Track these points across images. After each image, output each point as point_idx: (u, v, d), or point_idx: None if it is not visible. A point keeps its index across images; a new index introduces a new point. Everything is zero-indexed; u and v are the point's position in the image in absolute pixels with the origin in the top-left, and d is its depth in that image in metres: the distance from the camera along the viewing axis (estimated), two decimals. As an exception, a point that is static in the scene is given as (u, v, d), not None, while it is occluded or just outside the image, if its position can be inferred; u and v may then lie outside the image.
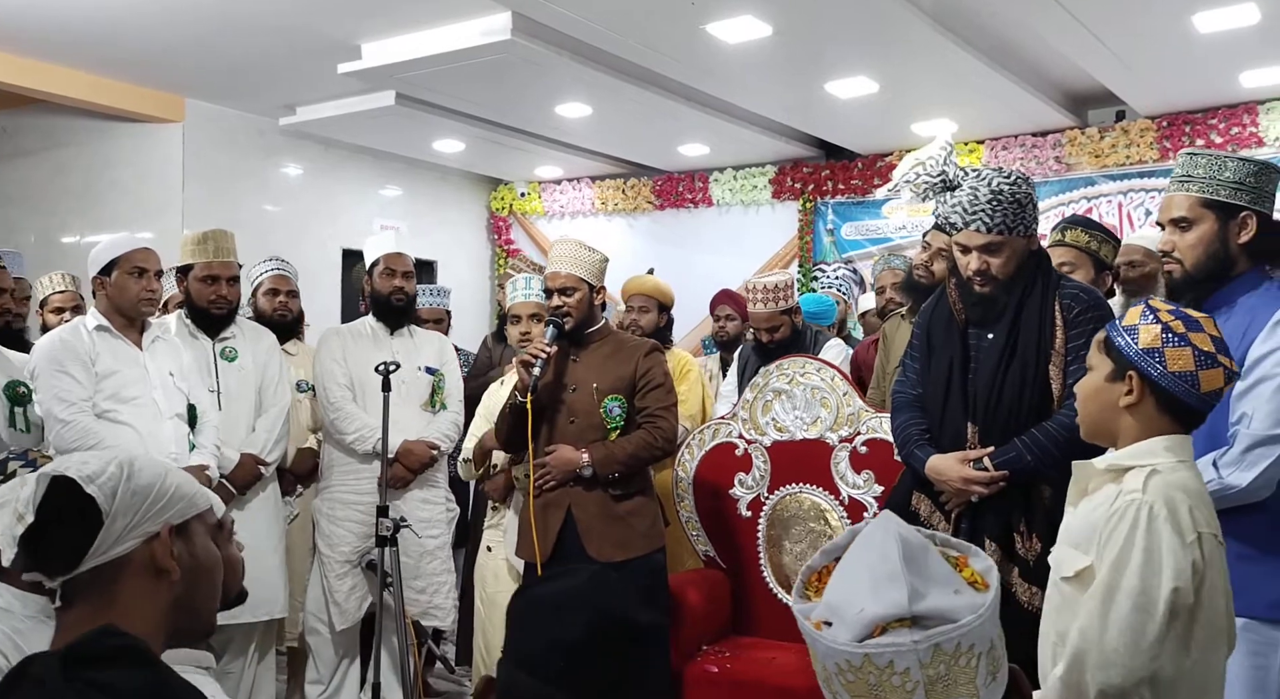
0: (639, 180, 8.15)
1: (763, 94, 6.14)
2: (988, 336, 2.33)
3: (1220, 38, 4.85)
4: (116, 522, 1.19)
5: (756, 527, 3.40)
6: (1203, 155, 2.09)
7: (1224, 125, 5.99)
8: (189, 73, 5.92)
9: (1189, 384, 1.53)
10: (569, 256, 2.93)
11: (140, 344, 3.06)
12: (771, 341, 3.81)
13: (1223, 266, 2.06)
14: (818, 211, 7.50)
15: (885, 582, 1.11)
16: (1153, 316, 1.57)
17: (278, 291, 3.93)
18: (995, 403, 2.28)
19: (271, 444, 3.40)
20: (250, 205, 6.86)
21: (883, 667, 1.08)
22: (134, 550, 1.20)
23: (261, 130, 6.89)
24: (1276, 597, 1.95)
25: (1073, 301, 2.27)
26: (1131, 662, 1.45)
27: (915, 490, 2.43)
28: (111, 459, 1.23)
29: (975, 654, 1.09)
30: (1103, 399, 1.62)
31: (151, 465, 1.26)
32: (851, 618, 1.11)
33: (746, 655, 3.20)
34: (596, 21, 4.85)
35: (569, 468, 2.84)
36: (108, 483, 1.20)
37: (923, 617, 1.08)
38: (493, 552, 3.38)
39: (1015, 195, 2.26)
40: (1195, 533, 1.49)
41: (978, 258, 2.29)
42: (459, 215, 8.70)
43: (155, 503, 1.23)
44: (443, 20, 5.01)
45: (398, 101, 6.07)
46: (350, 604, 3.48)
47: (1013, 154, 6.66)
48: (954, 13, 4.80)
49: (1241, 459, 1.93)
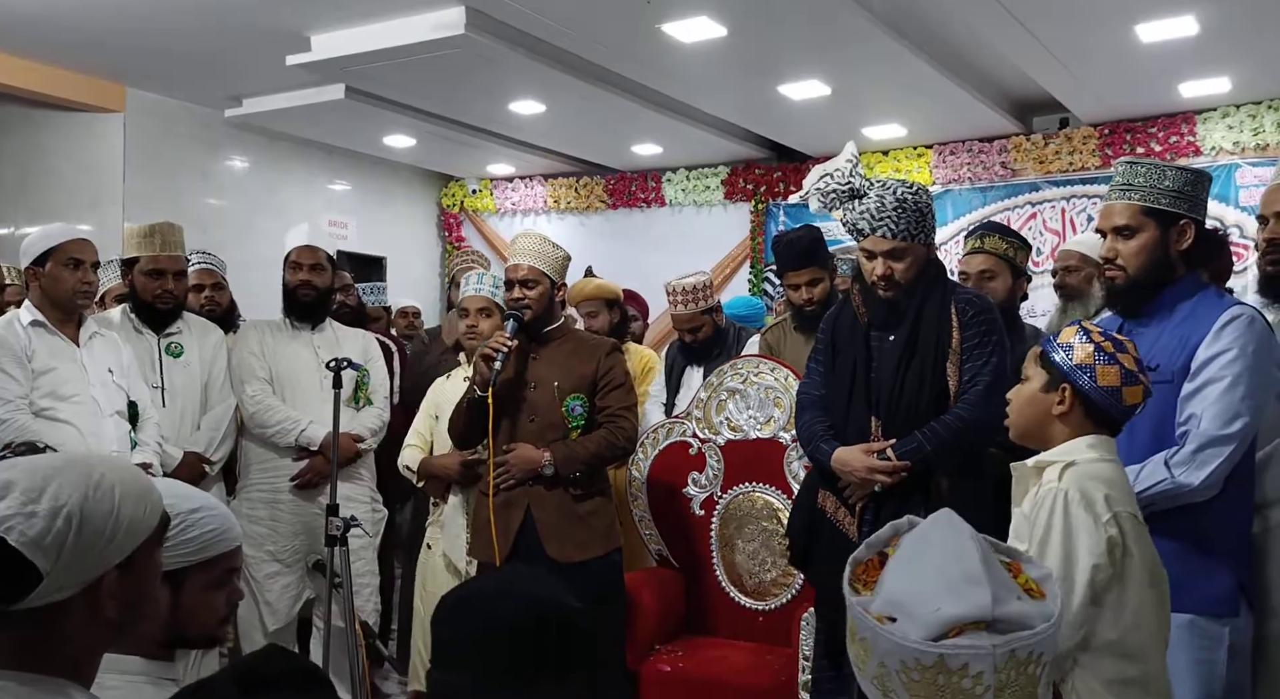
0: (592, 179, 8.13)
1: (716, 95, 6.17)
2: (889, 338, 2.47)
3: (1161, 48, 4.99)
4: (56, 577, 1.09)
5: (710, 526, 3.41)
6: (1142, 164, 2.14)
7: (1163, 134, 6.16)
8: (131, 61, 5.76)
9: (1114, 398, 1.72)
10: (532, 250, 2.90)
11: (77, 340, 2.97)
12: (694, 341, 3.84)
13: (1163, 273, 2.11)
14: (769, 213, 7.55)
15: (965, 582, 1.09)
16: (1086, 337, 1.75)
17: (202, 286, 3.84)
18: (897, 398, 2.42)
19: (217, 441, 3.33)
20: (194, 198, 6.70)
21: (955, 669, 1.05)
22: (71, 597, 1.12)
23: (206, 122, 6.74)
24: (1218, 593, 2.00)
25: (967, 306, 2.44)
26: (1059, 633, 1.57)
27: (820, 488, 2.54)
28: (59, 510, 1.10)
29: (1043, 663, 1.09)
30: (1037, 407, 1.80)
31: (99, 504, 1.13)
32: (925, 616, 1.07)
33: (700, 654, 3.21)
34: (551, 18, 4.82)
35: (530, 467, 2.81)
36: (54, 543, 1.09)
37: (1000, 621, 1.07)
38: (432, 549, 3.34)
39: (918, 204, 2.41)
40: (1110, 512, 1.65)
41: (883, 263, 2.42)
42: (409, 211, 8.61)
43: (104, 549, 1.13)
44: (395, 13, 4.94)
45: (347, 95, 5.97)
46: (282, 603, 3.40)
47: (960, 159, 6.78)
48: (906, 19, 4.87)
49: (1193, 459, 1.98)
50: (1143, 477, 2.00)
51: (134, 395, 3.06)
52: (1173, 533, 1.99)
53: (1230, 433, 1.97)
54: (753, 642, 3.27)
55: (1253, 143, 5.90)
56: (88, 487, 1.13)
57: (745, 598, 3.35)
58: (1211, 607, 2.00)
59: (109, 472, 1.17)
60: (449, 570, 3.23)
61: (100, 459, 1.23)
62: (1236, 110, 5.92)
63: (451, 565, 3.22)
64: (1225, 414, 1.97)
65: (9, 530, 1.07)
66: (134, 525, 1.16)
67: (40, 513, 1.09)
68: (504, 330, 2.83)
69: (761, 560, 3.32)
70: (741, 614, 3.35)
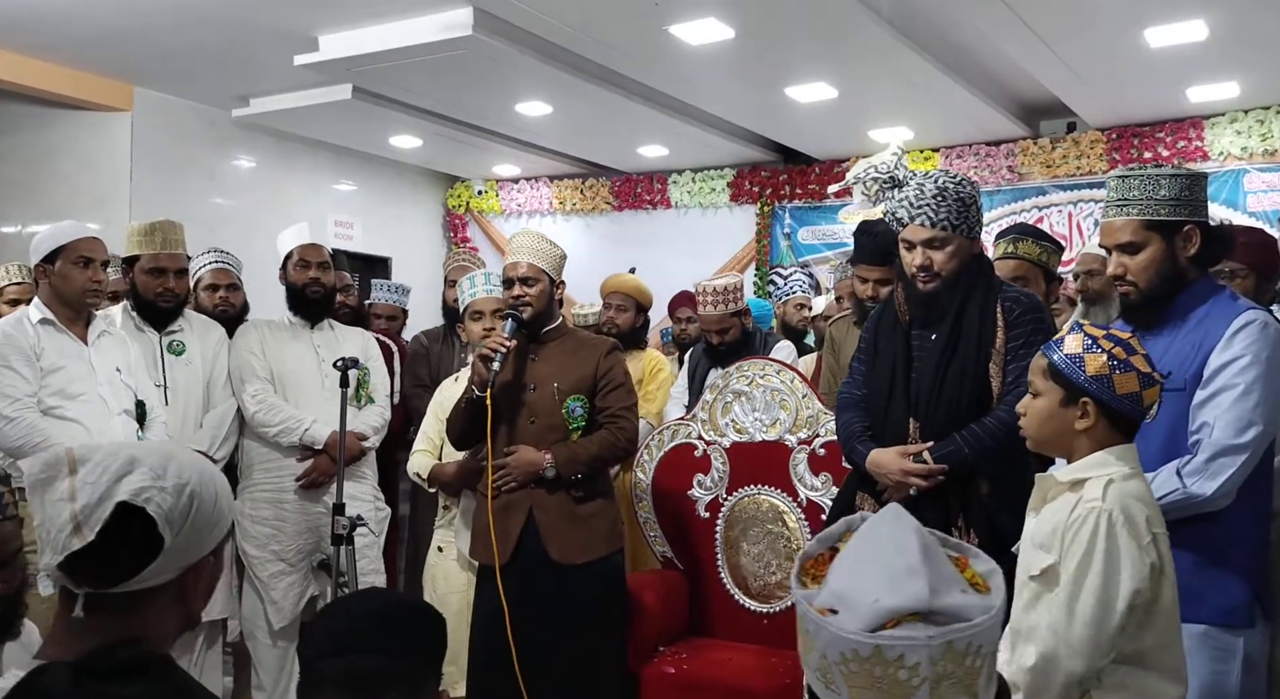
0: (597, 181, 8.13)
1: (723, 97, 6.16)
2: (930, 337, 2.39)
3: (1170, 53, 4.98)
4: (170, 555, 1.13)
5: (715, 528, 3.40)
6: (1135, 176, 2.10)
7: (1171, 139, 6.14)
8: (139, 60, 5.77)
9: (1135, 403, 1.70)
10: (530, 247, 2.88)
11: (85, 338, 2.97)
12: (721, 344, 3.83)
13: (1176, 282, 2.08)
14: (775, 215, 7.55)
15: (904, 574, 1.09)
16: (1095, 344, 1.70)
17: (218, 286, 3.82)
18: (936, 399, 2.34)
19: (220, 441, 3.32)
20: (200, 198, 6.71)
21: (892, 659, 1.05)
22: (172, 579, 1.15)
23: (213, 121, 6.75)
24: (1231, 603, 1.98)
25: (1014, 305, 2.35)
26: (1094, 651, 1.62)
27: (859, 490, 2.48)
28: (184, 486, 1.15)
29: (983, 656, 1.09)
30: (1058, 422, 1.75)
31: (207, 488, 1.18)
32: (864, 607, 1.08)
33: (703, 656, 3.20)
34: (559, 19, 4.83)
35: (531, 469, 2.78)
36: (178, 519, 1.13)
37: (938, 613, 1.07)
38: (444, 552, 3.33)
39: (960, 194, 2.33)
40: (1150, 535, 1.64)
41: (921, 253, 2.35)
42: (414, 212, 8.61)
43: (206, 534, 1.17)
44: (403, 14, 4.95)
45: (355, 95, 5.98)
46: (288, 601, 3.40)
47: (967, 162, 6.77)
48: (914, 21, 4.87)
49: (1206, 468, 1.95)
50: (1155, 486, 1.96)
51: (142, 394, 3.06)
52: (1187, 543, 1.96)
53: (1244, 442, 1.94)
54: (756, 644, 3.26)
55: (1260, 148, 5.89)
56: (201, 470, 1.19)
57: (749, 600, 3.34)
58: (1225, 618, 1.97)
59: (208, 465, 1.23)
60: (468, 571, 3.22)
61: (191, 450, 1.27)
62: (1245, 115, 5.91)
63: (471, 566, 3.20)
64: (1238, 422, 1.94)
65: (147, 501, 1.11)
66: (226, 516, 1.21)
67: (169, 488, 1.13)
68: (502, 330, 2.81)
69: (766, 563, 3.31)
70: (745, 617, 3.34)
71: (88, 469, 1.13)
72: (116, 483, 1.12)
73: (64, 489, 1.12)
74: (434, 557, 3.36)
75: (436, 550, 3.36)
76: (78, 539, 1.09)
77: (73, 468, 1.13)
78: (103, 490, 1.12)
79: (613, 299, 4.08)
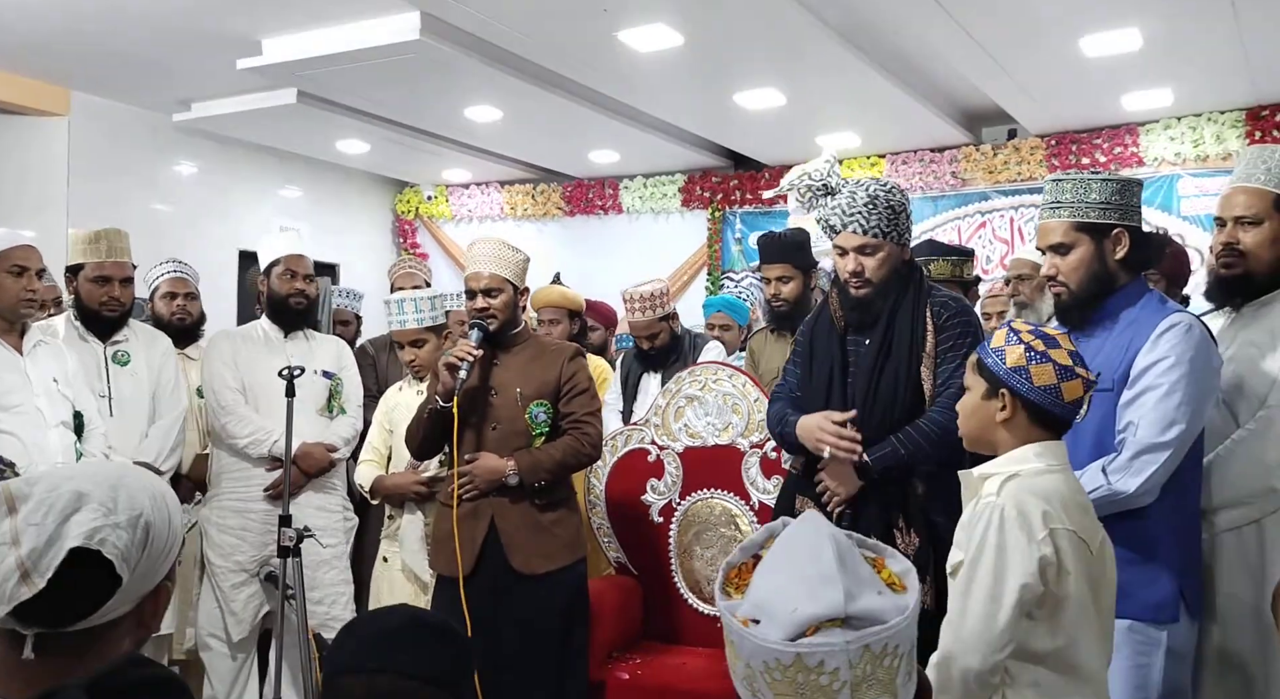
0: (549, 186, 8.12)
1: (673, 103, 6.20)
2: (864, 342, 2.46)
3: (1105, 62, 5.11)
4: (128, 589, 1.06)
5: (668, 532, 3.41)
6: (1068, 179, 2.17)
7: (1108, 145, 6.30)
8: (76, 64, 5.64)
9: (1054, 396, 1.69)
10: (492, 256, 2.82)
11: (20, 348, 2.88)
12: (651, 348, 3.85)
13: (1105, 284, 2.15)
14: (726, 220, 7.60)
15: (820, 582, 1.11)
16: (1016, 338, 1.73)
17: (175, 295, 3.78)
18: (872, 402, 2.41)
19: (166, 451, 3.26)
20: (141, 204, 6.57)
21: (813, 666, 1.08)
22: (127, 612, 1.08)
23: (154, 126, 6.61)
24: (1157, 599, 2.03)
25: (942, 309, 2.43)
26: (985, 647, 1.62)
27: (798, 494, 2.52)
28: (138, 518, 1.06)
29: (899, 655, 1.11)
30: (981, 415, 1.78)
31: (160, 512, 1.10)
32: (784, 617, 1.10)
33: (658, 661, 3.21)
34: (507, 24, 4.81)
35: (494, 477, 2.73)
36: (135, 553, 1.06)
37: (854, 617, 1.10)
38: (389, 562, 3.30)
39: (890, 202, 2.40)
40: (1046, 530, 1.62)
41: (854, 259, 2.42)
42: (363, 218, 8.52)
43: (163, 561, 1.11)
44: (349, 17, 4.89)
45: (299, 100, 5.89)
46: (247, 612, 3.36)
47: (912, 168, 6.88)
48: (860, 30, 4.94)
49: (1129, 466, 2.01)
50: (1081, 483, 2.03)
51: (80, 405, 2.98)
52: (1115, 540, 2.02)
53: (1166, 440, 2.00)
54: (711, 648, 3.27)
55: (1193, 154, 6.06)
56: (151, 493, 1.11)
57: (704, 605, 3.36)
58: (1151, 613, 2.03)
59: (154, 481, 1.16)
60: (412, 582, 3.19)
61: (135, 467, 1.20)
62: (1178, 122, 6.08)
63: (415, 578, 3.17)
64: (1161, 421, 2.00)
65: (102, 543, 1.03)
66: (178, 536, 1.15)
67: (123, 523, 1.05)
68: (469, 339, 2.75)
69: (720, 567, 3.33)
70: (700, 621, 3.35)
71: (30, 508, 1.04)
72: (64, 523, 1.04)
73: (4, 531, 1.03)
74: (380, 567, 3.33)
75: (382, 561, 3.33)
76: (26, 588, 1.00)
77: (11, 506, 1.04)
78: (50, 533, 1.03)
79: (544, 314, 4.05)
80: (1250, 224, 2.25)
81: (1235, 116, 5.92)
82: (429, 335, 3.26)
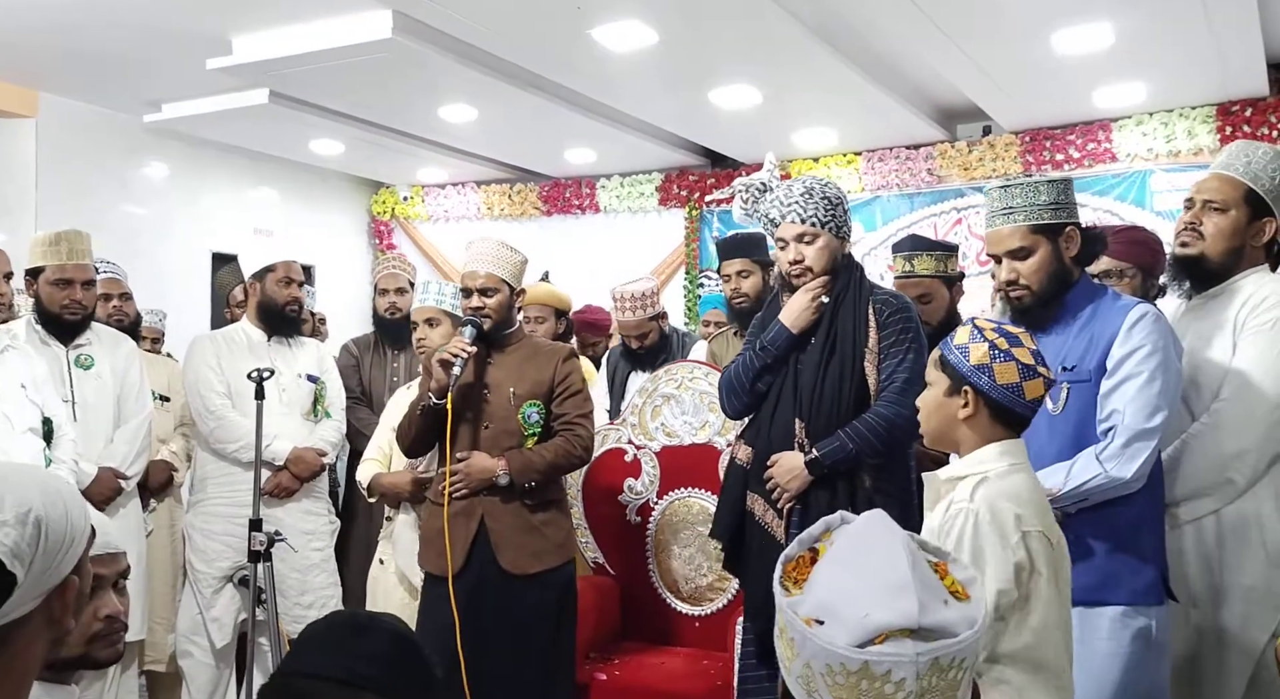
0: (525, 186, 8.08)
1: (649, 101, 6.17)
2: (810, 340, 2.50)
3: (1077, 57, 5.13)
4: (27, 588, 1.04)
5: (646, 532, 3.40)
6: (1016, 185, 2.21)
7: (1081, 141, 6.34)
8: (44, 65, 5.55)
9: (1016, 394, 1.70)
10: (490, 256, 2.81)
11: (-15, 353, 2.84)
12: (641, 348, 3.84)
13: (1063, 281, 2.18)
14: (704, 219, 7.59)
15: (893, 589, 1.09)
16: (980, 335, 1.74)
17: (110, 296, 3.73)
18: (818, 399, 2.45)
19: (133, 456, 3.22)
20: (112, 207, 6.48)
21: (879, 675, 1.05)
22: (34, 610, 1.06)
23: (124, 128, 6.52)
24: (1144, 584, 2.07)
25: (884, 306, 2.48)
26: None
27: (748, 491, 2.53)
28: (27, 515, 1.04)
29: (964, 668, 1.09)
30: (943, 412, 1.78)
31: (54, 507, 1.08)
32: (853, 621, 1.07)
33: (636, 661, 3.20)
34: (481, 23, 4.78)
35: (485, 476, 2.73)
36: (28, 551, 1.03)
37: (925, 629, 1.07)
38: (384, 564, 3.27)
39: (826, 194, 2.47)
40: (1019, 534, 1.63)
41: (794, 249, 2.47)
42: (338, 219, 8.44)
43: (63, 556, 1.08)
44: (320, 16, 4.83)
45: (271, 100, 5.82)
46: (228, 618, 3.36)
47: (888, 165, 6.89)
48: (835, 28, 4.93)
49: (1123, 452, 2.04)
50: (1075, 473, 2.04)
51: (48, 411, 2.93)
52: (1099, 529, 2.05)
53: (1154, 426, 2.04)
54: (689, 647, 3.27)
55: (1166, 150, 6.10)
56: (42, 491, 1.09)
57: (681, 604, 3.35)
58: (1140, 598, 2.05)
59: (48, 477, 1.14)
60: (402, 585, 3.16)
61: (30, 466, 1.17)
62: (1150, 118, 6.12)
63: (405, 580, 3.14)
64: (1147, 408, 2.04)
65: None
66: (81, 530, 1.13)
67: (10, 521, 1.03)
68: (462, 336, 2.74)
69: (698, 566, 3.32)
70: (678, 620, 3.34)
71: None
72: None
73: None
74: (376, 569, 3.31)
75: (378, 563, 3.31)
76: None
77: None
78: None
79: (530, 311, 4.04)
80: (1216, 210, 2.31)
81: (1207, 112, 5.96)
82: (444, 318, 3.21)
